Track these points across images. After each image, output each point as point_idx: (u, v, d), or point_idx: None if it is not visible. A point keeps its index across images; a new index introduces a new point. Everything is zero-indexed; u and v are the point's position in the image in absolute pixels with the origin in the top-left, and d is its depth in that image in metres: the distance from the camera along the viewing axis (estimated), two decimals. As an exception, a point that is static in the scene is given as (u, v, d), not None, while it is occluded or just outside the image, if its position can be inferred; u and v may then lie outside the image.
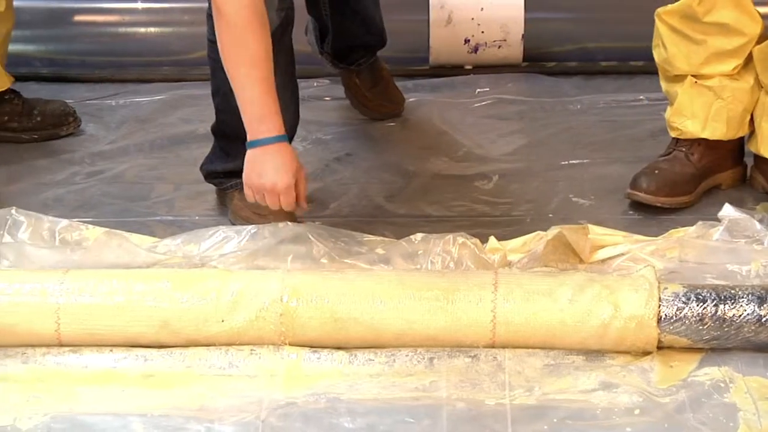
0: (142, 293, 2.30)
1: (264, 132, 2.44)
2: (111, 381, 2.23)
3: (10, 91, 3.29)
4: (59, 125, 3.32)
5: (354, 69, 3.32)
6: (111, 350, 2.29)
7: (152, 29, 3.79)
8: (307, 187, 2.55)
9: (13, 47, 3.33)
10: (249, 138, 2.46)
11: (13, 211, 2.70)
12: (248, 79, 2.43)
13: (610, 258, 2.54)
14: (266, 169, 2.45)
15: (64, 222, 2.72)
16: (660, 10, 2.83)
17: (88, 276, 2.34)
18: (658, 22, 2.84)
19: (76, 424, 2.10)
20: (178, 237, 2.64)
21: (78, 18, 3.79)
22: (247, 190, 2.50)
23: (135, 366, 2.26)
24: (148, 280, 2.33)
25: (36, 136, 3.29)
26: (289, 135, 2.79)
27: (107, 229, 2.71)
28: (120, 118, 3.45)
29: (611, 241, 2.59)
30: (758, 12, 2.80)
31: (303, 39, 3.26)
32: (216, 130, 2.83)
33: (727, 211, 2.62)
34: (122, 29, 3.80)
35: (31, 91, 3.45)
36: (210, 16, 2.55)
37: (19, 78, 3.40)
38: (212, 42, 2.54)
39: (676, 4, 2.79)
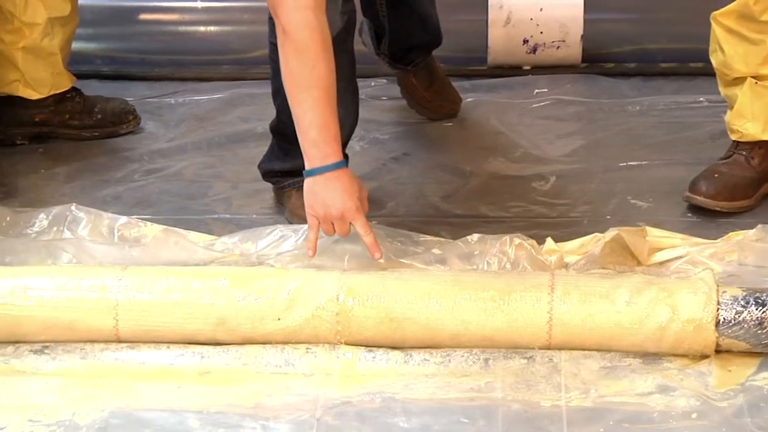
0: (200, 291, 2.31)
1: (323, 159, 2.39)
2: (168, 377, 2.24)
3: (71, 89, 3.32)
4: (119, 123, 3.35)
5: (411, 69, 3.32)
6: (168, 347, 2.31)
7: (212, 28, 3.82)
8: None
9: (75, 45, 3.37)
10: (308, 165, 2.41)
11: (73, 208, 2.74)
12: (309, 103, 2.37)
13: (668, 260, 2.52)
14: (331, 197, 2.39)
15: (123, 219, 2.75)
16: (715, 13, 2.80)
17: (146, 273, 2.36)
18: (714, 26, 2.81)
19: (133, 419, 2.12)
20: (236, 235, 2.65)
21: (139, 17, 3.82)
22: (312, 220, 2.44)
23: (192, 363, 2.27)
24: (206, 277, 2.34)
25: (96, 134, 3.32)
26: (348, 136, 2.80)
27: (165, 226, 2.73)
28: (179, 116, 3.48)
29: (669, 243, 2.57)
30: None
31: (358, 39, 3.27)
32: (275, 130, 2.84)
33: (788, 214, 2.60)
34: (182, 28, 3.83)
35: (92, 88, 3.48)
36: (272, 18, 2.55)
37: (80, 76, 3.44)
38: (274, 44, 2.54)
39: (732, 4, 2.76)
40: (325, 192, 2.40)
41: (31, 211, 2.77)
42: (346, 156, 2.75)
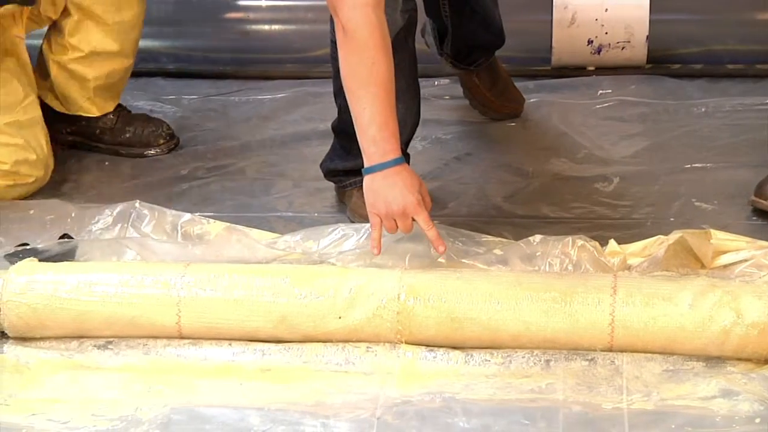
0: (261, 288, 2.32)
1: (383, 156, 2.38)
2: (229, 374, 2.26)
3: (117, 105, 3.31)
4: (147, 145, 3.25)
5: (473, 69, 3.31)
6: (230, 344, 2.32)
7: (276, 27, 3.84)
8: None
9: (141, 43, 3.36)
10: (367, 163, 2.40)
11: (137, 204, 2.76)
12: (368, 100, 2.37)
13: (732, 264, 2.50)
14: (392, 194, 2.38)
15: (187, 216, 2.76)
16: None
17: (209, 270, 2.37)
18: None
19: (195, 415, 2.13)
20: (298, 233, 2.66)
21: (203, 15, 3.84)
22: (374, 219, 2.42)
23: (253, 360, 2.29)
24: (268, 275, 2.35)
25: (123, 152, 3.25)
26: (410, 135, 2.80)
27: (228, 224, 2.75)
28: (243, 115, 3.50)
29: (734, 246, 2.54)
30: None
31: (420, 38, 3.26)
32: (337, 128, 2.84)
33: None
34: (246, 26, 3.85)
35: (157, 86, 3.52)
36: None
37: (146, 73, 3.47)
38: (335, 42, 2.55)
39: None
40: (386, 189, 2.39)
41: (96, 207, 2.80)
42: (407, 155, 2.76)
